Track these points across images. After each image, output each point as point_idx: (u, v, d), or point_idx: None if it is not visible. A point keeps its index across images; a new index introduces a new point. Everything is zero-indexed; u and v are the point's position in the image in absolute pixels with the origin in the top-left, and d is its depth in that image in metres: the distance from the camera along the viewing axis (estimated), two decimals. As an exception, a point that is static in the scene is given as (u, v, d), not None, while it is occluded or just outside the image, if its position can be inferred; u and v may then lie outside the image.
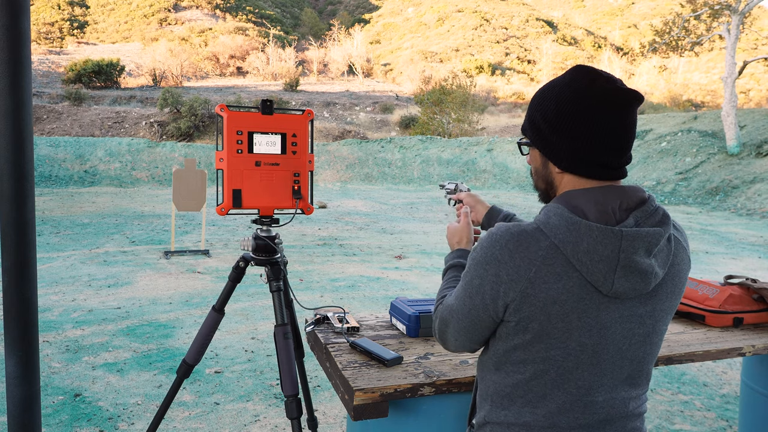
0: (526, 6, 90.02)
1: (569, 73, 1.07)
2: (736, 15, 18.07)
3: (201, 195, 7.31)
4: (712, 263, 7.77)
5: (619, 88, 1.03)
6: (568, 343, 1.01)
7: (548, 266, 0.98)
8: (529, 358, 1.03)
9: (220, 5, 75.57)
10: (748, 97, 45.13)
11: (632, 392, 1.08)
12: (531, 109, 1.13)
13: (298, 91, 42.47)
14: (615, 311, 1.01)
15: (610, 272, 0.97)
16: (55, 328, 4.32)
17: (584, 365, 1.02)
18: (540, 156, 1.13)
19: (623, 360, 1.05)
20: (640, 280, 0.99)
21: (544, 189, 1.15)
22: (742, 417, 2.33)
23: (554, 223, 0.99)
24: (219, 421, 2.90)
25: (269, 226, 2.03)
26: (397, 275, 6.60)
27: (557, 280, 0.98)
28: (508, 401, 1.08)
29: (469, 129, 29.29)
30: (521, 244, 1.00)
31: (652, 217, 1.02)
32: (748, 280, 2.13)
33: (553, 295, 0.98)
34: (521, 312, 1.00)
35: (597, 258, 0.97)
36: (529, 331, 1.01)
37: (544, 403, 1.04)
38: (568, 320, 0.99)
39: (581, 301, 0.99)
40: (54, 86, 37.65)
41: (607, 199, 1.02)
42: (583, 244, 0.97)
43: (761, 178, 15.68)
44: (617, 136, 1.02)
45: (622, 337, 1.03)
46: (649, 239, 0.99)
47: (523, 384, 1.05)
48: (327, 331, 1.76)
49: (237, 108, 1.96)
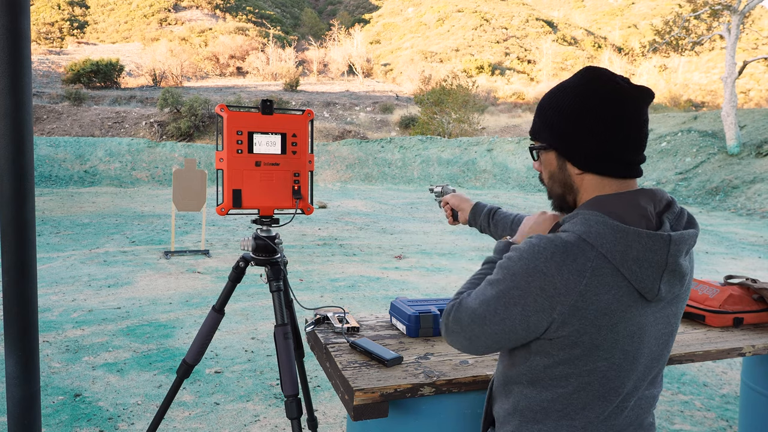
0: (526, 6, 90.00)
1: (582, 72, 1.06)
2: (736, 15, 18.07)
3: (201, 195, 7.31)
4: (712, 263, 7.77)
5: (634, 85, 1.03)
6: (613, 353, 0.98)
7: (598, 277, 0.94)
8: (574, 372, 0.99)
9: (220, 5, 75.57)
10: (748, 97, 45.13)
11: (654, 391, 1.09)
12: (543, 111, 1.09)
13: (298, 91, 42.48)
14: (650, 315, 1.00)
15: (657, 278, 0.96)
16: (55, 328, 4.32)
17: (624, 372, 1.00)
18: (556, 158, 1.08)
19: (652, 361, 1.05)
20: (679, 282, 0.99)
21: (561, 194, 1.10)
22: (742, 417, 2.33)
23: (598, 232, 0.95)
24: (219, 421, 2.90)
25: (269, 226, 2.03)
26: (397, 275, 6.60)
27: (607, 291, 0.94)
28: (542, 415, 1.04)
29: (469, 129, 29.29)
30: (569, 256, 0.94)
31: (680, 219, 1.02)
32: (748, 280, 2.13)
33: (603, 307, 0.94)
34: (570, 326, 0.95)
35: (647, 265, 0.94)
36: (578, 345, 0.97)
37: (584, 413, 1.01)
38: (616, 330, 0.97)
39: (628, 310, 0.96)
40: (54, 86, 37.65)
41: (643, 203, 0.99)
42: (633, 251, 0.94)
43: (761, 178, 15.68)
44: (637, 132, 1.01)
45: (655, 339, 1.03)
46: (690, 242, 0.99)
47: (564, 397, 1.01)
48: (327, 331, 1.76)
49: (237, 108, 1.96)
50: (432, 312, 1.76)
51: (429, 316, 1.74)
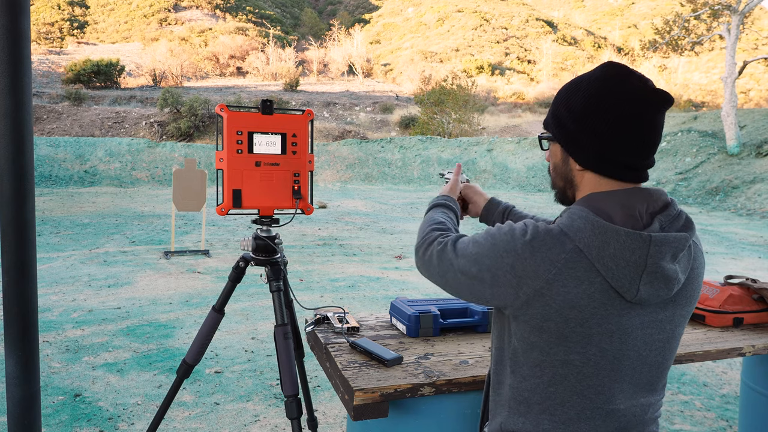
0: (526, 6, 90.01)
1: (600, 68, 1.04)
2: (736, 15, 18.07)
3: (201, 195, 7.31)
4: (712, 263, 7.77)
5: (651, 88, 0.99)
6: (588, 349, 0.98)
7: (570, 270, 0.95)
8: (547, 360, 1.01)
9: (220, 5, 75.58)
10: (748, 97, 45.14)
11: (651, 398, 1.07)
12: (556, 102, 1.09)
13: (298, 91, 42.50)
14: (636, 317, 0.99)
15: (636, 278, 0.95)
16: (55, 328, 4.32)
17: (604, 371, 1.00)
18: (561, 152, 1.09)
19: (643, 366, 1.03)
20: (665, 286, 0.97)
21: (562, 187, 1.12)
22: (742, 417, 2.33)
23: (578, 226, 0.96)
24: (219, 421, 2.90)
25: (269, 226, 2.03)
26: (397, 275, 6.60)
27: (577, 285, 0.95)
28: (525, 407, 1.05)
29: (469, 129, 29.30)
30: (545, 244, 0.96)
31: (676, 222, 1.00)
32: (748, 280, 2.13)
33: (571, 300, 0.95)
34: (533, 308, 0.98)
35: (623, 263, 0.94)
36: (545, 330, 0.99)
37: (563, 410, 1.02)
38: (588, 325, 0.97)
39: (603, 307, 0.96)
40: (54, 86, 37.66)
41: (633, 202, 0.99)
42: (610, 248, 0.94)
43: (761, 178, 15.68)
44: (643, 138, 0.99)
45: (643, 343, 1.01)
46: (676, 245, 0.97)
47: (541, 389, 1.03)
48: (327, 331, 1.76)
49: (237, 108, 1.96)
50: (432, 312, 1.76)
51: (429, 316, 1.74)
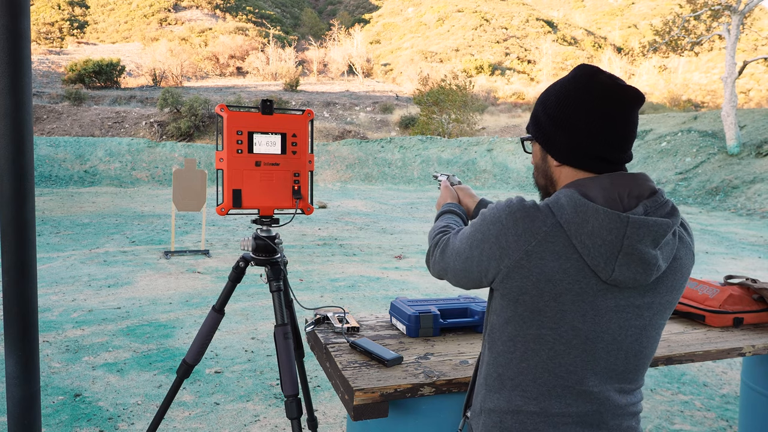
0: (526, 6, 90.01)
1: (573, 71, 1.11)
2: (736, 15, 18.07)
3: (201, 195, 7.31)
4: (712, 263, 7.77)
5: (621, 85, 1.05)
6: (560, 325, 1.01)
7: (549, 243, 0.99)
8: (520, 335, 1.04)
9: (220, 5, 75.57)
10: (748, 97, 45.12)
11: (626, 386, 1.08)
12: (535, 105, 1.16)
13: (298, 91, 42.48)
14: (612, 299, 1.01)
15: (612, 258, 0.97)
16: (55, 328, 4.32)
17: (576, 350, 1.02)
18: (540, 150, 1.15)
19: (618, 351, 1.04)
20: (642, 270, 0.99)
21: (543, 185, 1.17)
22: (742, 417, 2.33)
23: (562, 204, 1.00)
24: (219, 421, 2.90)
25: (269, 226, 2.03)
26: (397, 275, 6.60)
27: (555, 259, 0.98)
28: (499, 383, 1.09)
29: (468, 129, 29.28)
30: (528, 216, 1.01)
31: (661, 208, 1.02)
32: (748, 280, 2.13)
33: (547, 273, 0.98)
34: (512, 281, 1.01)
35: (600, 242, 0.97)
36: (520, 303, 1.02)
37: (535, 386, 1.04)
38: (561, 301, 0.99)
39: (577, 284, 0.99)
40: (54, 86, 37.65)
41: (614, 186, 1.02)
42: (588, 226, 0.97)
43: (761, 178, 15.68)
44: (615, 133, 1.04)
45: (618, 326, 1.03)
46: (656, 229, 0.98)
47: (514, 364, 1.06)
48: (327, 331, 1.76)
49: (237, 108, 1.96)
50: (432, 312, 1.76)
51: (429, 316, 1.74)
